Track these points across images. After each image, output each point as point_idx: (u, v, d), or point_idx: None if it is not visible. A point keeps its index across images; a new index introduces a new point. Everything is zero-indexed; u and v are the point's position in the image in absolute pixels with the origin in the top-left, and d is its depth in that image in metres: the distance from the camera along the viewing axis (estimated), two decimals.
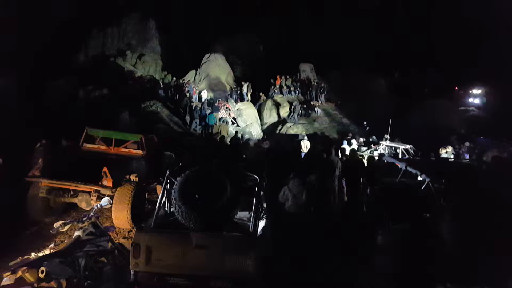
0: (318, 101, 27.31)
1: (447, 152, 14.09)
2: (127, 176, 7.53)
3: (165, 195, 5.23)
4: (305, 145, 17.09)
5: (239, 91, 29.19)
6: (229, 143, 16.35)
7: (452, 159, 13.38)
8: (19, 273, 3.26)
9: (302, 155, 14.93)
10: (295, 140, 19.47)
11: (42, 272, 3.32)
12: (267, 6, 41.61)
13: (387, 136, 17.95)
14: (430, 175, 6.74)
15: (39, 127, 12.97)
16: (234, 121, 24.46)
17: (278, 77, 29.72)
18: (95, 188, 7.28)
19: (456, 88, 35.62)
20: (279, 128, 24.69)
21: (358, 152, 13.50)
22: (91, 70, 26.34)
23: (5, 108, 15.85)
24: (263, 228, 5.04)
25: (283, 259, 5.62)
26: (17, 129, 13.80)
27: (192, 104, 23.69)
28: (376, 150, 16.97)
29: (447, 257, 5.34)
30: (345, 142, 17.04)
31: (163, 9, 37.22)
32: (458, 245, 5.36)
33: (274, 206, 6.58)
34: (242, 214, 5.29)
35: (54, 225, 4.43)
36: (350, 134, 20.51)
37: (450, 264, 5.25)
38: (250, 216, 4.88)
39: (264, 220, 5.30)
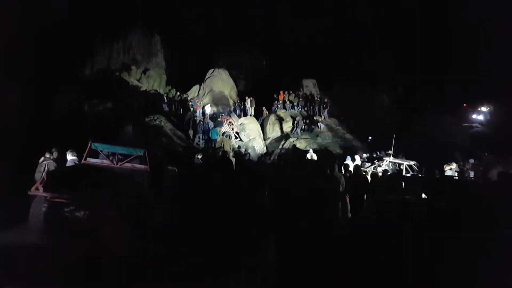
0: (321, 116, 27.33)
1: (451, 169, 13.99)
2: None
3: None
4: (311, 157, 17.40)
5: (242, 106, 29.36)
6: (233, 158, 16.34)
7: (457, 177, 13.29)
8: None
9: None
10: (300, 153, 19.55)
11: None
12: (270, 22, 42.06)
13: (390, 152, 17.92)
14: (435, 192, 6.70)
15: (43, 140, 13.01)
16: (237, 136, 24.50)
17: (281, 92, 29.91)
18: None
19: (464, 105, 35.54)
20: (282, 143, 24.63)
21: (361, 168, 13.44)
22: (96, 84, 26.53)
23: (9, 121, 15.92)
24: (267, 245, 5.02)
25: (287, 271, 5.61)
26: (22, 142, 13.84)
27: (195, 118, 23.79)
28: (379, 166, 16.92)
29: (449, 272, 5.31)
30: (348, 158, 16.97)
31: (168, 25, 37.69)
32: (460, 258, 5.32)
33: (278, 221, 6.57)
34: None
35: None
36: (359, 153, 20.28)
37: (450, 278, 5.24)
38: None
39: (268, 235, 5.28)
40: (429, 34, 37.79)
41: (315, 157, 18.16)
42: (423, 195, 7.51)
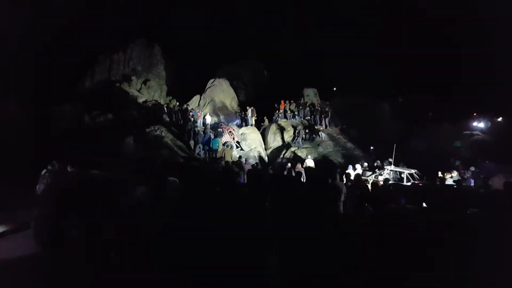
0: (322, 125, 27.33)
1: (452, 177, 13.95)
2: None
3: None
4: (310, 164, 17.55)
5: (243, 116, 29.41)
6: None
7: (455, 185, 13.26)
8: None
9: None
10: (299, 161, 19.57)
11: None
12: (271, 32, 42.36)
13: (390, 160, 17.90)
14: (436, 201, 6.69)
15: (45, 152, 13.05)
16: (238, 145, 24.45)
17: (282, 101, 29.95)
18: None
19: (475, 114, 35.36)
20: (283, 152, 24.60)
21: (362, 177, 13.41)
22: (97, 95, 26.66)
23: (13, 134, 15.99)
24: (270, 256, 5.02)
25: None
26: (24, 155, 13.89)
27: (196, 128, 23.78)
28: (380, 175, 16.90)
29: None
30: (350, 167, 16.97)
31: (169, 35, 37.99)
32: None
33: (279, 231, 6.56)
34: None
35: None
36: (360, 161, 20.27)
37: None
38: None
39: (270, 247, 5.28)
40: (430, 43, 38.05)
41: (312, 164, 18.27)
42: (424, 204, 7.51)
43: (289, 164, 16.87)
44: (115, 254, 5.74)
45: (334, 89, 38.77)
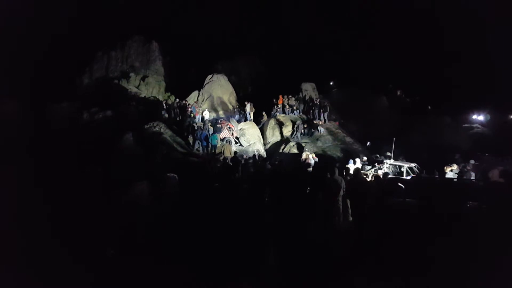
0: (320, 120, 27.24)
1: (452, 171, 13.91)
2: None
3: None
4: (308, 155, 17.94)
5: (241, 111, 29.34)
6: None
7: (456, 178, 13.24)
8: None
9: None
10: (298, 158, 19.55)
11: None
12: (269, 27, 42.25)
13: (389, 153, 17.87)
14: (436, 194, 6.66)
15: (44, 150, 13.02)
16: (237, 141, 24.37)
17: (281, 96, 29.86)
18: None
19: (487, 113, 35.27)
20: (282, 147, 24.56)
21: (362, 171, 13.37)
22: (95, 92, 26.59)
23: (11, 132, 15.93)
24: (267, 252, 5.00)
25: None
26: (22, 152, 13.84)
27: (195, 124, 23.71)
28: (380, 169, 16.86)
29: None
30: (350, 161, 16.94)
31: (166, 32, 37.86)
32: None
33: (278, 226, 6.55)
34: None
35: None
36: (360, 156, 20.20)
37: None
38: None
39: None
40: (428, 36, 37.94)
41: (310, 156, 18.25)
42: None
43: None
44: (111, 249, 5.72)
45: (332, 83, 38.96)
